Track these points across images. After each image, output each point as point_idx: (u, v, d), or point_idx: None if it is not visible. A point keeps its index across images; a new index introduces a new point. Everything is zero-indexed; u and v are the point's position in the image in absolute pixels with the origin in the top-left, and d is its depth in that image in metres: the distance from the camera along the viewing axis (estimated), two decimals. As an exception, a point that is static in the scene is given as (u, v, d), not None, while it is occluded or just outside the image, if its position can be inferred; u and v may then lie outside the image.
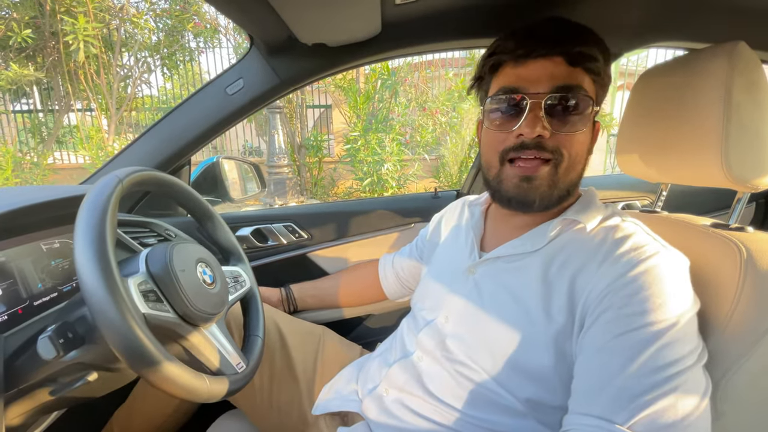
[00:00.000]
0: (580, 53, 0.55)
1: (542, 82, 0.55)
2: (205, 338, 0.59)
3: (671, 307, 0.46)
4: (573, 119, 0.56)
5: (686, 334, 0.45)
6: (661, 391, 0.42)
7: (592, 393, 0.47)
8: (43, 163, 4.65)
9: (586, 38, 0.57)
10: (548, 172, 0.57)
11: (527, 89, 0.56)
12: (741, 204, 0.63)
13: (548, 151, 0.56)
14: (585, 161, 0.61)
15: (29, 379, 0.54)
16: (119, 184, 0.53)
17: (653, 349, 0.44)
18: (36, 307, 0.61)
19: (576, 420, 0.47)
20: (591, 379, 0.48)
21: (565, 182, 0.58)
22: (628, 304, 0.47)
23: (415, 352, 0.69)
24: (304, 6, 0.69)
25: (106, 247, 0.47)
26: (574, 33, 0.57)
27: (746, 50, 0.55)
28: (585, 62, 0.56)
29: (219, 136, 1.04)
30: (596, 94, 0.59)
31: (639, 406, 0.42)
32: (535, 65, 0.56)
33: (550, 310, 0.54)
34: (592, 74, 0.57)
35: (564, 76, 0.55)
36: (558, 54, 0.55)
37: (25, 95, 5.11)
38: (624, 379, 0.44)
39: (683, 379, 0.43)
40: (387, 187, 4.38)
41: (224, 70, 0.98)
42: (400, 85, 4.79)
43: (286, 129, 5.48)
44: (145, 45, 4.78)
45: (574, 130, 0.56)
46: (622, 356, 0.45)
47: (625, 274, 0.49)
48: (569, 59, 0.55)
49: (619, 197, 1.39)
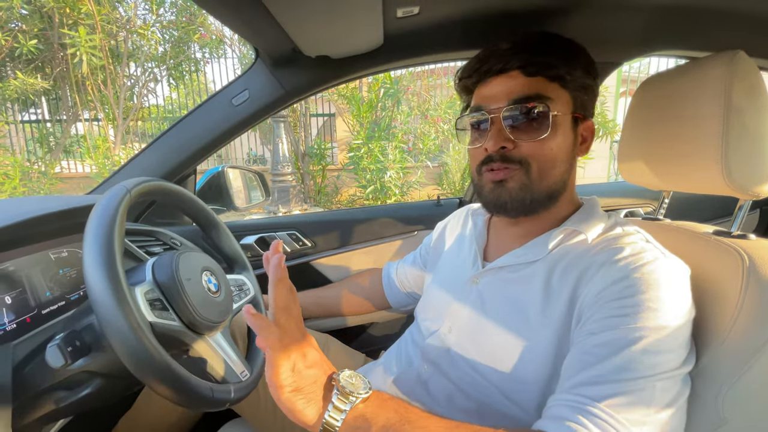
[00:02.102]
0: (536, 62, 0.57)
1: (501, 97, 0.59)
2: (209, 346, 0.59)
3: (664, 313, 0.46)
4: (534, 126, 0.58)
5: (675, 340, 0.46)
6: (636, 387, 0.43)
7: (572, 375, 0.48)
8: (51, 172, 4.70)
9: (546, 47, 0.59)
10: (518, 176, 0.59)
11: (489, 106, 0.60)
12: (743, 211, 0.63)
13: (514, 161, 0.59)
14: (566, 164, 0.61)
15: (37, 387, 0.54)
16: (127, 195, 0.54)
17: (638, 349, 0.45)
18: (44, 315, 0.62)
19: (555, 397, 0.48)
20: (575, 366, 0.49)
21: (541, 187, 0.59)
22: (622, 306, 0.48)
23: (419, 362, 0.69)
24: (308, 20, 0.71)
25: (114, 256, 0.48)
26: (531, 44, 0.59)
27: (745, 59, 0.56)
28: (544, 71, 0.58)
29: (225, 146, 1.06)
30: (572, 98, 0.60)
31: (612, 394, 0.43)
32: (494, 82, 0.60)
33: (552, 318, 0.54)
34: (557, 81, 0.58)
35: (521, 88, 0.58)
36: (514, 68, 0.58)
37: (33, 105, 5.19)
38: (602, 367, 0.45)
39: (661, 384, 0.44)
40: (390, 195, 4.39)
41: (230, 82, 1.00)
42: (402, 93, 4.82)
43: (290, 137, 5.52)
44: (151, 56, 4.86)
45: (537, 137, 0.57)
46: (607, 348, 0.46)
47: (621, 279, 0.50)
48: (526, 71, 0.58)
49: (623, 204, 1.39)
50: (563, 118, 0.59)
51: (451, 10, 0.78)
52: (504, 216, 0.65)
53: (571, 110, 0.60)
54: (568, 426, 0.43)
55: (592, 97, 0.63)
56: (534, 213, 0.62)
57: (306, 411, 0.43)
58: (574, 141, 0.62)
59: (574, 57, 0.60)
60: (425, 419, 0.44)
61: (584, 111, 0.62)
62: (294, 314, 0.49)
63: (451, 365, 0.64)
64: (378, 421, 0.43)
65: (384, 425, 0.42)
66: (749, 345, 0.47)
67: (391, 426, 0.42)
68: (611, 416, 0.42)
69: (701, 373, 0.50)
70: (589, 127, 0.64)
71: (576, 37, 0.62)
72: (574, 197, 0.66)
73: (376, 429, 0.42)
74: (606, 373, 0.45)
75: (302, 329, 0.49)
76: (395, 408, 0.44)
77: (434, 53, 0.95)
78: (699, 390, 0.49)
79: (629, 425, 0.42)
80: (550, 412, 0.47)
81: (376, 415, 0.43)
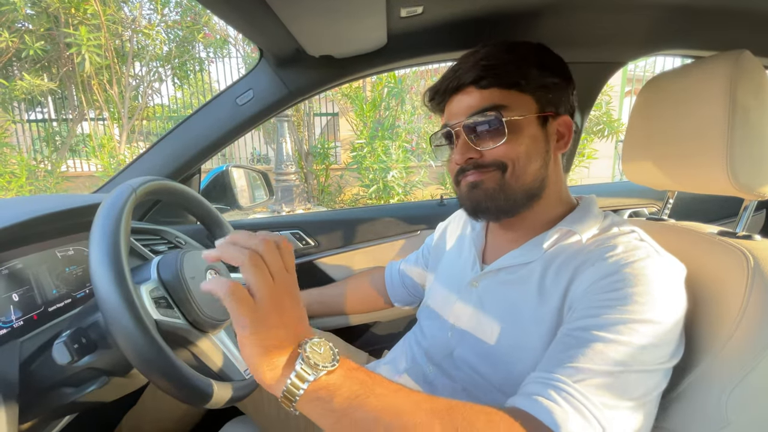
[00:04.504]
0: (486, 75, 0.60)
1: (461, 112, 0.62)
2: (213, 344, 0.60)
3: (651, 308, 0.46)
4: (493, 134, 0.59)
5: (661, 336, 0.45)
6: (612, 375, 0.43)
7: (550, 357, 0.48)
8: (57, 171, 4.75)
9: (496, 57, 0.60)
10: (494, 177, 0.61)
11: (452, 122, 0.63)
12: (748, 212, 0.62)
13: (487, 165, 0.61)
14: (539, 163, 0.61)
15: (43, 384, 0.55)
16: (133, 194, 0.55)
17: (620, 339, 0.44)
18: (50, 312, 0.63)
19: (530, 376, 0.48)
20: (553, 348, 0.49)
21: (518, 187, 0.60)
22: (610, 298, 0.48)
23: (423, 363, 0.70)
24: (312, 20, 0.71)
25: (120, 255, 0.48)
26: (480, 58, 0.61)
27: (751, 58, 0.56)
28: (496, 81, 0.59)
29: (229, 145, 1.06)
30: (534, 99, 0.60)
31: (586, 377, 0.43)
32: (455, 99, 0.64)
33: (545, 317, 0.55)
34: (513, 87, 0.60)
35: (476, 102, 0.60)
36: (468, 84, 0.61)
37: (39, 104, 5.23)
38: (580, 352, 0.45)
39: (638, 376, 0.44)
40: (393, 194, 4.39)
41: (234, 82, 1.00)
42: (406, 93, 4.82)
43: (293, 137, 5.53)
44: (156, 55, 4.88)
45: (498, 143, 0.59)
46: (587, 333, 0.46)
47: (612, 273, 0.50)
48: (479, 85, 0.60)
49: (627, 204, 1.38)
50: (526, 120, 0.59)
51: (455, 9, 0.78)
52: (485, 218, 0.67)
53: (536, 110, 0.60)
54: (537, 401, 0.43)
55: (559, 93, 0.62)
56: (515, 213, 0.62)
57: (265, 371, 0.40)
58: (546, 139, 0.62)
59: (527, 59, 0.61)
60: (393, 393, 0.42)
61: (554, 108, 0.62)
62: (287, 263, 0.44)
63: (454, 367, 0.64)
64: (342, 392, 0.40)
65: (348, 397, 0.40)
66: (753, 346, 0.46)
67: (356, 398, 0.40)
68: (584, 396, 0.42)
69: (705, 373, 0.50)
70: (564, 123, 0.64)
71: (581, 36, 0.61)
72: (565, 196, 0.66)
73: (340, 400, 0.40)
74: (582, 358, 0.45)
75: (289, 281, 0.44)
76: (362, 380, 0.42)
77: (438, 53, 0.95)
78: (702, 391, 0.49)
79: (602, 408, 0.41)
80: (523, 389, 0.47)
81: (339, 387, 0.41)
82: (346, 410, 0.40)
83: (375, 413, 0.39)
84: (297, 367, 0.40)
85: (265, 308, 0.41)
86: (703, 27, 0.84)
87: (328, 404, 0.40)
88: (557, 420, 0.40)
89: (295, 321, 0.44)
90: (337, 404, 0.40)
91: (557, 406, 0.41)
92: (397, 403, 0.41)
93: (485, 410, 0.42)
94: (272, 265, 0.42)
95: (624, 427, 0.42)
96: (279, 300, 0.42)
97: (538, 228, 0.64)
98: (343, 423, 0.40)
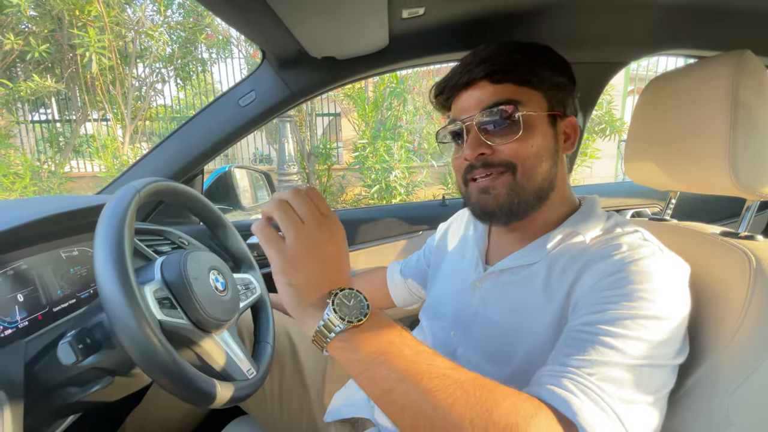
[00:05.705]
0: (501, 70, 0.59)
1: (472, 107, 0.61)
2: (216, 344, 0.60)
3: (658, 305, 0.46)
4: (507, 129, 0.58)
5: (668, 333, 0.45)
6: (624, 368, 0.43)
7: (559, 351, 0.48)
8: (60, 172, 4.76)
9: (508, 53, 0.60)
10: (505, 181, 0.60)
11: (462, 117, 0.62)
12: (750, 212, 0.62)
13: (497, 165, 0.60)
14: (550, 162, 0.61)
15: (48, 383, 0.56)
16: (137, 195, 0.55)
17: (630, 334, 0.44)
18: (55, 313, 0.63)
19: (541, 370, 0.48)
20: (562, 343, 0.49)
21: (529, 187, 0.60)
22: (616, 294, 0.48)
23: None
24: (313, 21, 0.71)
25: (124, 256, 0.48)
26: (494, 53, 0.60)
27: (753, 58, 0.56)
28: (510, 76, 0.59)
29: (232, 146, 1.07)
30: (545, 97, 0.60)
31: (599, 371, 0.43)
32: (465, 94, 0.62)
33: (551, 317, 0.55)
34: (526, 84, 0.59)
35: (489, 96, 0.59)
36: (480, 78, 0.60)
37: (43, 105, 5.26)
38: (591, 346, 0.45)
39: (649, 371, 0.44)
40: (395, 194, 4.39)
41: (237, 83, 1.01)
42: (408, 93, 4.82)
43: (295, 137, 5.53)
44: (159, 56, 4.90)
45: (512, 138, 0.58)
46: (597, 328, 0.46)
47: (617, 271, 0.50)
48: (492, 80, 0.59)
49: (630, 205, 1.38)
50: (538, 117, 0.59)
51: (456, 10, 0.78)
52: (494, 223, 0.65)
53: (547, 109, 0.60)
54: (553, 390, 0.42)
55: (567, 93, 0.63)
56: (524, 215, 0.62)
57: (294, 311, 0.42)
58: (556, 138, 0.62)
59: (537, 58, 0.61)
60: (419, 355, 0.42)
61: (563, 108, 0.62)
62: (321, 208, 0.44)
63: None
64: (367, 347, 0.41)
65: (373, 352, 0.41)
66: (756, 346, 0.46)
67: (382, 354, 0.41)
68: (599, 387, 0.41)
69: (707, 373, 0.50)
70: (571, 124, 0.64)
71: (583, 37, 0.61)
72: (569, 197, 0.66)
73: (366, 354, 0.40)
74: (593, 351, 0.44)
75: (326, 224, 0.43)
76: (390, 339, 0.42)
77: (439, 53, 0.95)
78: (705, 391, 0.49)
79: (618, 401, 0.41)
80: (536, 380, 0.46)
81: (365, 341, 0.41)
82: (370, 364, 0.41)
83: (399, 373, 0.40)
84: (325, 315, 0.41)
85: (292, 250, 0.41)
86: (704, 27, 0.84)
87: (354, 355, 0.41)
88: (574, 409, 0.40)
89: (331, 268, 0.44)
90: (363, 356, 0.41)
91: (574, 396, 0.41)
92: (421, 368, 0.41)
93: (511, 393, 0.41)
94: (299, 207, 0.43)
95: (641, 422, 0.42)
96: (311, 243, 0.42)
97: (541, 229, 0.63)
98: (367, 375, 0.41)
